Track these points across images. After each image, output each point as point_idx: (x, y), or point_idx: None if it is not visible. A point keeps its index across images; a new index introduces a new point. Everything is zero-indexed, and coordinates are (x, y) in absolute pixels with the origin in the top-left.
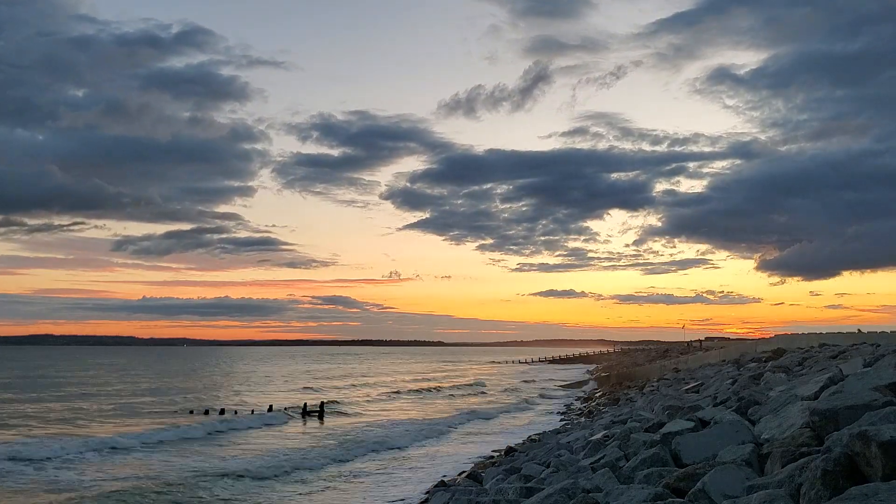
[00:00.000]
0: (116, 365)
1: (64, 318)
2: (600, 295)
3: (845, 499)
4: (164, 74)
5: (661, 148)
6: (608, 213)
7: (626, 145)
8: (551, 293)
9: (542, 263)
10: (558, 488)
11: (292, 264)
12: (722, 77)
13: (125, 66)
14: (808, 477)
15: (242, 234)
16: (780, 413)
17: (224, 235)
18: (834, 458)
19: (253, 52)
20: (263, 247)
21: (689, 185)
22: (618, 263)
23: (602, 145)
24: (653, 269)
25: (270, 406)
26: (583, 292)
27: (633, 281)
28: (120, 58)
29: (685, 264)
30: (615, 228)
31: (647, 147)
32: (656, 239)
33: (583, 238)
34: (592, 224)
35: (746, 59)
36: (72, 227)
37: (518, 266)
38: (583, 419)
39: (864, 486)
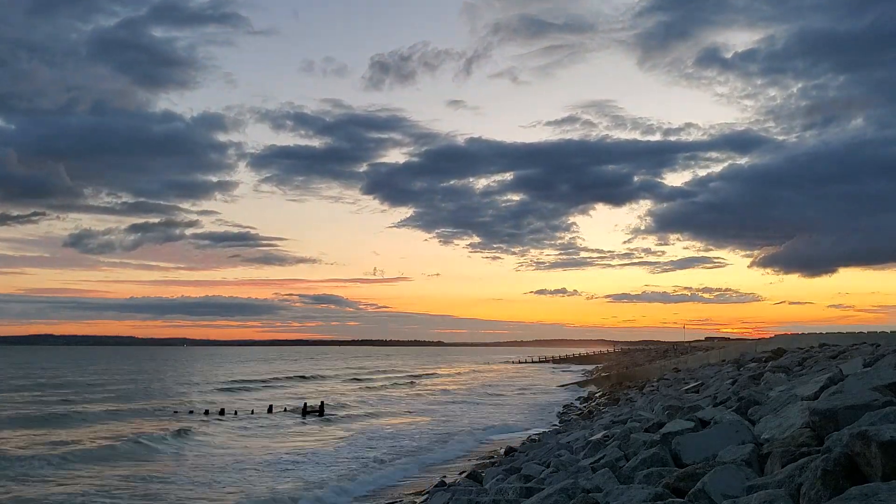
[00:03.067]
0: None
1: (53, 319)
2: (593, 294)
3: (845, 499)
4: (102, 40)
5: (654, 138)
6: (597, 209)
7: (617, 136)
8: (543, 292)
9: (533, 262)
10: (558, 488)
11: (268, 261)
12: (715, 61)
13: (47, 28)
14: (808, 477)
15: (223, 231)
16: (780, 413)
17: (199, 231)
18: (834, 458)
19: (191, 4)
20: (242, 243)
21: (684, 180)
22: (610, 262)
23: (591, 135)
24: (649, 267)
25: (270, 406)
26: (575, 291)
27: (629, 280)
28: (36, 18)
29: (682, 263)
30: (607, 225)
31: (639, 137)
32: (645, 237)
33: (572, 236)
34: (583, 220)
35: (743, 40)
36: (31, 218)
37: (508, 264)
38: (583, 419)
39: (864, 486)
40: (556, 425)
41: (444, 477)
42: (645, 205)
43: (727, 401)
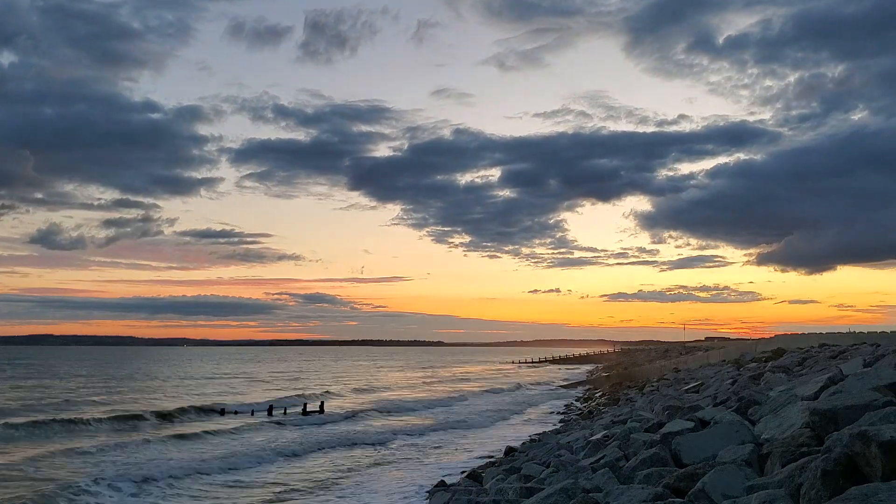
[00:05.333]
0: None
1: (41, 319)
2: (587, 294)
3: (845, 499)
4: (46, 10)
5: (647, 130)
6: (590, 206)
7: (610, 128)
8: (536, 292)
9: (526, 261)
10: (558, 488)
11: (256, 259)
12: (709, 48)
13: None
14: (808, 477)
15: (208, 228)
16: (780, 413)
17: (184, 229)
18: (834, 458)
19: None
20: (227, 241)
21: (679, 175)
22: (606, 262)
23: (583, 129)
24: (644, 266)
25: (270, 406)
26: (569, 291)
27: (625, 279)
28: None
29: (679, 263)
30: (600, 223)
31: (630, 129)
32: (637, 234)
33: (563, 234)
34: (575, 218)
35: (738, 25)
36: None
37: (500, 264)
38: (583, 419)
39: (864, 486)
40: (556, 425)
41: (445, 477)
42: (638, 201)
43: (727, 401)
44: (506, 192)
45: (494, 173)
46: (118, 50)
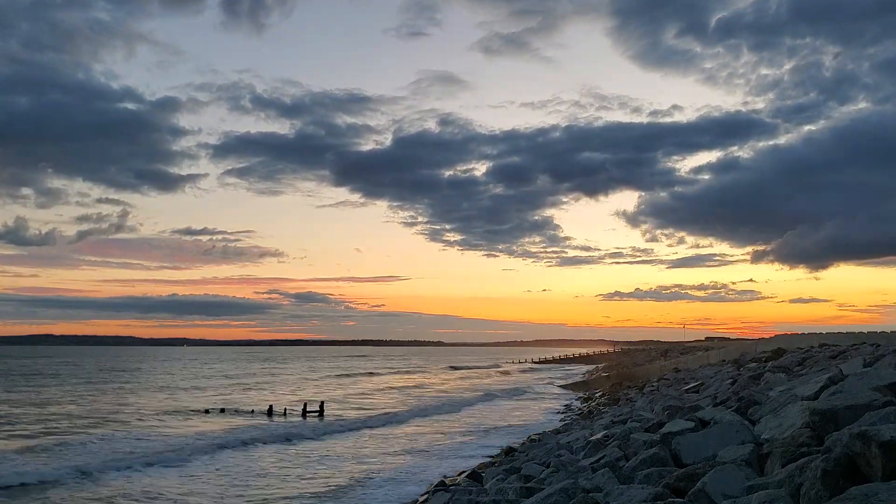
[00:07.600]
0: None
1: (33, 319)
2: (581, 294)
3: (845, 499)
4: None
5: (642, 122)
6: (584, 203)
7: (603, 121)
8: (530, 291)
9: (522, 260)
10: (558, 488)
11: (247, 258)
12: (702, 33)
13: None
14: (808, 477)
15: (195, 227)
16: (780, 413)
17: (173, 227)
18: (834, 458)
19: None
20: (207, 237)
21: (675, 169)
22: (603, 260)
23: (574, 121)
24: (644, 265)
25: (270, 406)
26: (563, 290)
27: (623, 278)
28: None
29: (677, 262)
30: (596, 221)
31: (626, 121)
32: (632, 233)
33: (553, 232)
34: (569, 216)
35: (733, 9)
36: None
37: (494, 262)
38: (583, 419)
39: (864, 486)
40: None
41: (445, 477)
42: (631, 197)
43: (727, 401)
44: (490, 187)
45: (481, 167)
46: (67, 21)
